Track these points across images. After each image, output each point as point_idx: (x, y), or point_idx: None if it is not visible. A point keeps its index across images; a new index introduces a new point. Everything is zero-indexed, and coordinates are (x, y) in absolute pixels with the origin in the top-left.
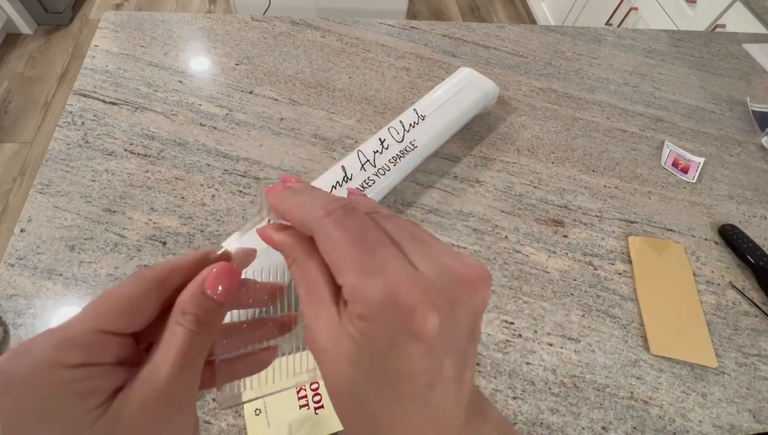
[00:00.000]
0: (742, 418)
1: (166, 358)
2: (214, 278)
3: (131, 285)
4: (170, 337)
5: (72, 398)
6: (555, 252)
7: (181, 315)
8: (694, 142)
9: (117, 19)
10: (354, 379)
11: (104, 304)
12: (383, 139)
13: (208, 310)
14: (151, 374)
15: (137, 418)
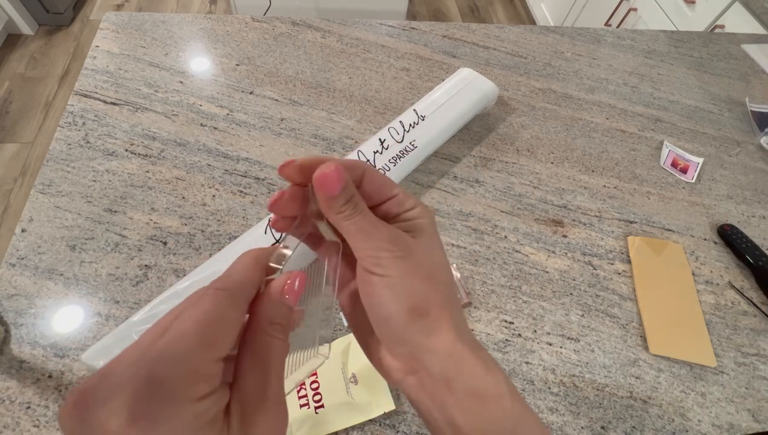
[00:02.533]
0: (741, 417)
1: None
2: (291, 287)
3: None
4: (265, 350)
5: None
6: (554, 252)
7: (269, 326)
8: (693, 143)
9: (118, 19)
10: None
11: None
12: (383, 139)
13: (288, 319)
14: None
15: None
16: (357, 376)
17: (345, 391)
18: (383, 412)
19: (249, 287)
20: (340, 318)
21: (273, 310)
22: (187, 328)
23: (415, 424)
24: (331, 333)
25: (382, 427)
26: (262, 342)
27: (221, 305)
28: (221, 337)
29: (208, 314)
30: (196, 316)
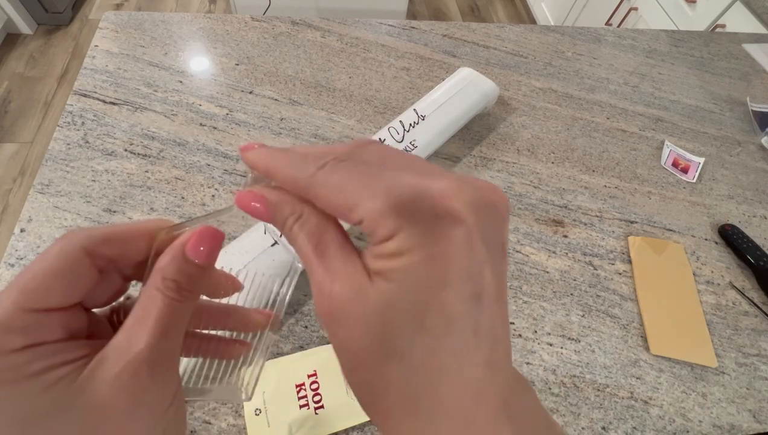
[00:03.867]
0: (742, 417)
1: (145, 326)
2: (196, 241)
3: (56, 257)
4: (149, 304)
5: (23, 382)
6: (555, 252)
7: (161, 281)
8: (694, 142)
9: (117, 19)
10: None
11: (31, 281)
12: (383, 139)
13: (190, 276)
14: (126, 344)
15: (113, 390)
16: None
17: (345, 392)
18: None
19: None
20: None
21: (169, 265)
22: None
23: None
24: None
25: None
26: (149, 295)
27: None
28: (39, 288)
29: (33, 265)
30: (25, 268)
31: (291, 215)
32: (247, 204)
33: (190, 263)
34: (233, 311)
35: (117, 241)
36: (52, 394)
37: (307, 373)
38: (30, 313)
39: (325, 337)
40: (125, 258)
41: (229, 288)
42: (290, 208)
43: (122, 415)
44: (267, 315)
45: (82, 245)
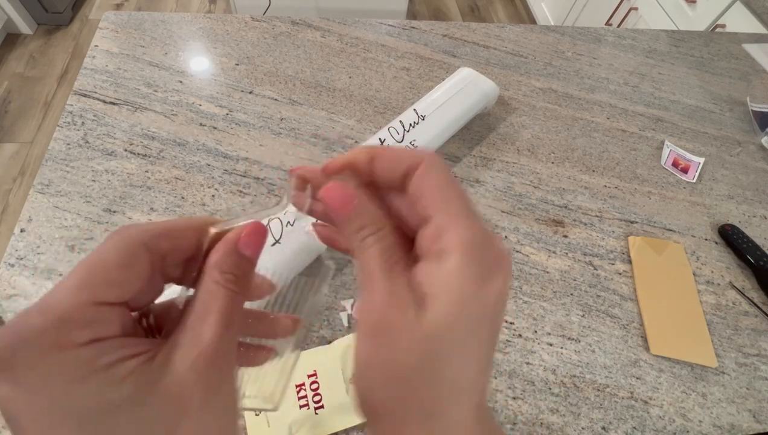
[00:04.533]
0: (742, 418)
1: (209, 319)
2: (247, 236)
3: (117, 251)
4: (209, 298)
5: (94, 375)
6: (555, 252)
7: (220, 274)
8: (694, 142)
9: (117, 19)
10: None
11: (94, 275)
12: (383, 139)
13: (243, 270)
14: (194, 337)
15: (191, 379)
16: None
17: (345, 392)
18: None
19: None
20: (340, 318)
21: (224, 259)
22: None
23: None
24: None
25: None
26: (206, 289)
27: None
28: (103, 281)
29: (93, 257)
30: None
31: (371, 225)
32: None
33: (242, 257)
34: (261, 317)
35: (173, 237)
36: (125, 387)
37: (307, 373)
38: (94, 306)
39: (325, 337)
40: (176, 254)
41: (264, 290)
42: (371, 218)
43: (201, 403)
44: (295, 320)
45: (142, 240)
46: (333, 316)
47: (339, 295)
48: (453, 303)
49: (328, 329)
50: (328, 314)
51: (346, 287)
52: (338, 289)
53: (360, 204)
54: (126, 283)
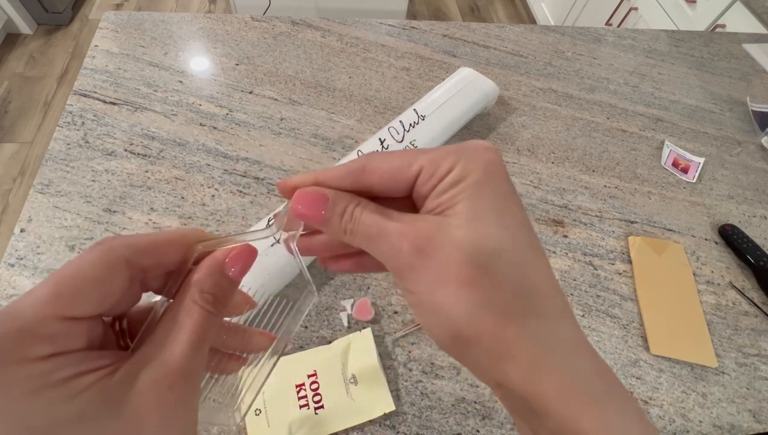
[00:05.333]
0: (742, 418)
1: (179, 338)
2: (235, 258)
3: (95, 265)
4: (184, 316)
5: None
6: (555, 252)
7: (199, 294)
8: (694, 142)
9: (117, 19)
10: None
11: (66, 288)
12: (383, 139)
13: (225, 291)
14: (162, 354)
15: (150, 400)
16: (357, 377)
17: (345, 392)
18: (383, 413)
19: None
20: (340, 319)
21: (206, 278)
22: (43, 283)
23: (415, 424)
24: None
25: (382, 428)
26: (182, 306)
27: (89, 261)
28: (74, 295)
29: (69, 269)
30: (60, 270)
31: (351, 203)
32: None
33: (225, 278)
34: (236, 330)
35: (156, 252)
36: (80, 402)
37: (307, 373)
38: (60, 320)
39: (325, 337)
40: (158, 269)
41: (244, 306)
42: (347, 198)
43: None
44: (270, 338)
45: (124, 256)
46: (333, 316)
47: (339, 296)
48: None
49: (328, 329)
50: (328, 314)
51: (346, 287)
52: (338, 289)
53: (332, 197)
54: (100, 298)
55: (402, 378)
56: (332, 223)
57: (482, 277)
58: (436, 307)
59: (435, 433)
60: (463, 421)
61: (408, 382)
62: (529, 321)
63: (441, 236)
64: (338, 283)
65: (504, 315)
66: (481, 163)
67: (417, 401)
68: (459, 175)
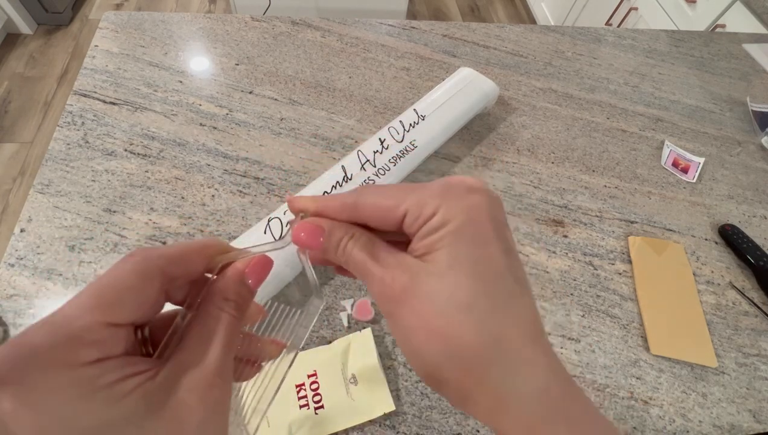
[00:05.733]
0: (742, 418)
1: (212, 343)
2: (254, 267)
3: (133, 274)
4: (213, 322)
5: (97, 393)
6: (555, 252)
7: (224, 302)
8: (694, 142)
9: (117, 19)
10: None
11: (108, 296)
12: (383, 139)
13: (245, 298)
14: (199, 358)
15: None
16: (357, 377)
17: (345, 392)
18: (383, 413)
19: (176, 264)
20: (340, 318)
21: (229, 287)
22: (84, 292)
23: (415, 425)
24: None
25: (382, 428)
26: (210, 313)
27: (127, 271)
28: (116, 303)
29: (108, 278)
30: (99, 280)
31: (345, 235)
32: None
33: (246, 286)
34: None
35: (185, 262)
36: (127, 404)
37: (307, 373)
38: (104, 326)
39: (325, 337)
40: (185, 278)
41: (257, 314)
42: (343, 230)
43: (200, 424)
44: (281, 346)
45: (159, 266)
46: (333, 316)
47: (339, 295)
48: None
49: (328, 329)
50: (328, 314)
51: (346, 287)
52: (338, 289)
53: (328, 229)
54: (138, 306)
55: (402, 378)
56: (329, 251)
57: (450, 328)
58: (412, 348)
59: (435, 433)
60: (463, 421)
61: (408, 382)
62: (491, 371)
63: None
64: (338, 283)
65: (468, 366)
66: (463, 208)
67: (417, 401)
68: (440, 221)
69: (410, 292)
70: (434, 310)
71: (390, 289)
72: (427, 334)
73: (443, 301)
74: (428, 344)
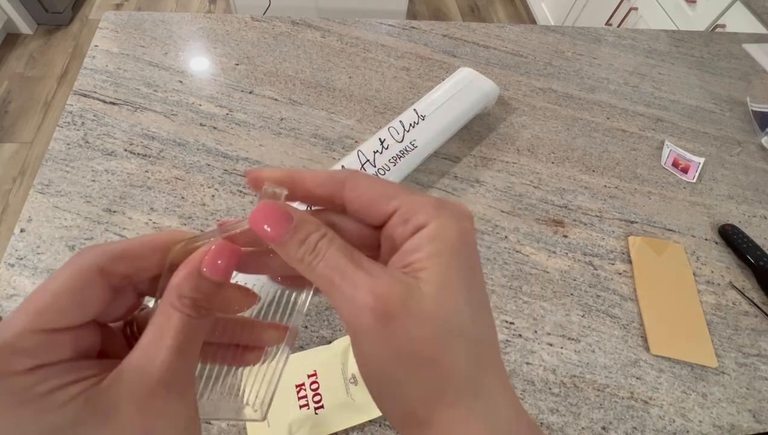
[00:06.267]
0: (742, 418)
1: (161, 344)
2: (212, 257)
3: (68, 277)
4: (164, 322)
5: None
6: (555, 252)
7: (177, 299)
8: (694, 142)
9: (117, 19)
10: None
11: (40, 301)
12: (383, 139)
13: (206, 292)
14: (142, 363)
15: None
16: (357, 377)
17: (345, 392)
18: None
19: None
20: (341, 320)
21: (183, 282)
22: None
23: None
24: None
25: (382, 428)
26: (163, 312)
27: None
28: (50, 308)
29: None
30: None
31: (316, 232)
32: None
33: (205, 280)
34: (247, 324)
35: (131, 258)
36: (64, 413)
37: (307, 373)
38: (39, 333)
39: (325, 337)
40: (140, 274)
41: (243, 303)
42: (313, 225)
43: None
44: (283, 329)
45: (96, 264)
46: (333, 316)
47: None
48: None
49: (328, 329)
50: (328, 314)
51: None
52: None
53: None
54: (77, 308)
55: None
56: (289, 248)
57: (443, 356)
58: (392, 379)
59: None
60: None
61: None
62: (477, 403)
63: (412, 303)
64: None
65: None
66: (457, 231)
67: None
68: (435, 234)
69: (406, 310)
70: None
71: (382, 304)
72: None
73: (440, 325)
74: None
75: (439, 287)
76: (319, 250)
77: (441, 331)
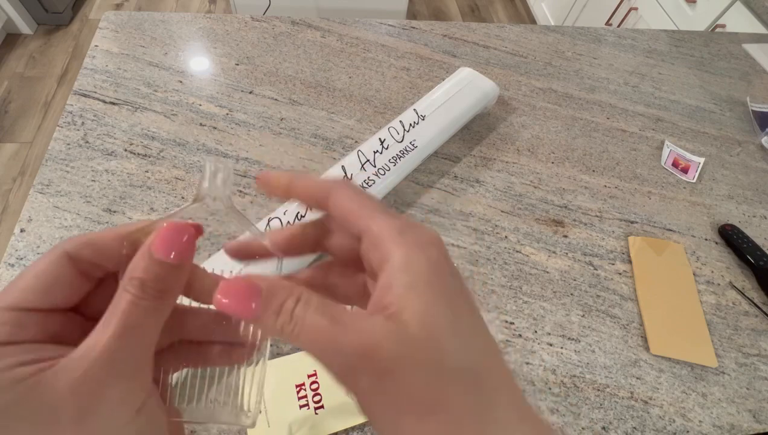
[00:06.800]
0: (742, 418)
1: (108, 326)
2: (162, 239)
3: (46, 260)
4: (114, 305)
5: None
6: (555, 252)
7: (128, 280)
8: (694, 142)
9: (117, 19)
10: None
11: (19, 282)
12: (383, 139)
13: (158, 275)
14: (89, 344)
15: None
16: None
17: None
18: None
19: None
20: None
21: (136, 265)
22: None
23: None
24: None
25: None
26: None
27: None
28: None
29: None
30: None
31: (289, 298)
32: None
33: (156, 262)
34: (227, 319)
35: (95, 245)
36: (11, 393)
37: (307, 373)
38: (8, 311)
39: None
40: (105, 261)
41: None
42: (285, 291)
43: (74, 418)
44: None
45: (65, 250)
46: None
47: None
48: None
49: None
50: None
51: None
52: None
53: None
54: (45, 289)
55: None
56: (265, 321)
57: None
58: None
59: None
60: None
61: None
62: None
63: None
64: None
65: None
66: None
67: None
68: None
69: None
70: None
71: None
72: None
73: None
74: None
75: (422, 327)
76: (296, 318)
77: (436, 373)
